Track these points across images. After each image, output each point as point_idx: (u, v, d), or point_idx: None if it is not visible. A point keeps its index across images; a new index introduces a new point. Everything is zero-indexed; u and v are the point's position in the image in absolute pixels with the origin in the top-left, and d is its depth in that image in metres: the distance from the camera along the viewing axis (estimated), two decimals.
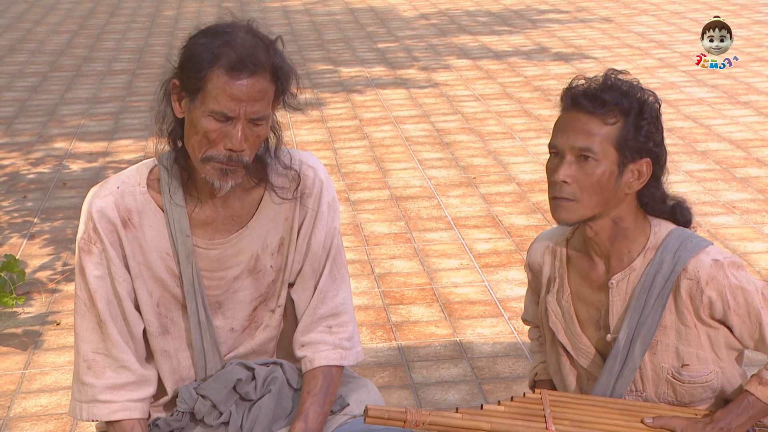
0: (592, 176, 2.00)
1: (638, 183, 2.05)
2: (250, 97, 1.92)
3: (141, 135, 6.64)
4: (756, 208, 4.97)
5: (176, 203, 2.04)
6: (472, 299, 4.08)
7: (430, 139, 6.34)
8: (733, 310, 2.03)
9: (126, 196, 2.04)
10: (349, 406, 2.18)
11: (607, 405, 2.09)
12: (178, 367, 2.13)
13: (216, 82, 1.92)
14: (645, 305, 2.07)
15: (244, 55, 1.92)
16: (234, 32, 1.96)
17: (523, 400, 2.08)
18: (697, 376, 2.08)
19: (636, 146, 2.02)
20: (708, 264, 2.03)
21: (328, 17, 11.05)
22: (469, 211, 5.06)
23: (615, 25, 9.96)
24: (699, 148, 5.95)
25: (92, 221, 2.04)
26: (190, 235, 2.05)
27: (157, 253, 2.06)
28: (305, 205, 2.13)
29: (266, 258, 2.12)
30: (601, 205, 2.02)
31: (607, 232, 2.07)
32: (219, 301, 2.11)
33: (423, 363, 3.60)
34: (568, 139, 2.01)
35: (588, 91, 2.02)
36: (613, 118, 2.00)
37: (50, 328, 3.95)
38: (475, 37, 9.63)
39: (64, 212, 5.23)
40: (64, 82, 8.30)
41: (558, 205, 2.02)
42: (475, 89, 7.61)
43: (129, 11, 11.95)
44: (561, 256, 2.19)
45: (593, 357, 2.16)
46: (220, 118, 1.93)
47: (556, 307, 2.19)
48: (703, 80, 7.59)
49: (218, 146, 1.95)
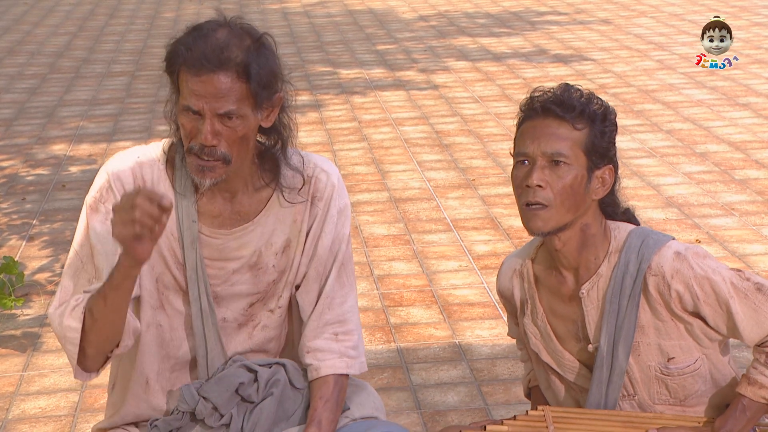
0: (564, 180, 2.03)
1: (603, 189, 2.08)
2: (211, 94, 1.94)
3: (140, 137, 6.64)
4: (755, 209, 4.97)
5: (186, 189, 2.06)
6: (471, 301, 4.07)
7: (429, 141, 6.34)
8: (702, 301, 2.04)
9: (144, 168, 2.07)
10: (350, 410, 2.18)
11: (610, 418, 2.09)
12: (170, 343, 2.11)
13: (182, 78, 1.97)
14: (619, 308, 2.08)
15: (207, 53, 1.94)
16: (210, 30, 1.98)
17: (526, 419, 2.08)
18: (684, 366, 2.09)
19: (602, 152, 2.06)
20: (671, 258, 2.04)
21: (328, 19, 11.06)
22: (468, 212, 5.06)
23: (614, 27, 9.96)
24: (698, 150, 5.96)
25: (108, 182, 2.06)
26: (197, 221, 2.06)
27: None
28: (315, 209, 2.13)
29: (269, 256, 2.12)
30: (572, 210, 2.05)
31: (575, 241, 2.09)
32: (216, 291, 2.11)
33: (422, 365, 3.59)
34: (539, 145, 2.04)
35: (556, 98, 2.06)
36: (581, 124, 2.05)
37: (49, 330, 3.94)
38: (474, 39, 9.63)
39: (63, 214, 5.23)
40: (64, 84, 8.30)
41: (533, 214, 2.03)
42: (474, 91, 7.61)
43: (128, 13, 11.95)
44: (528, 276, 2.19)
45: (579, 370, 2.16)
46: (189, 113, 1.97)
47: (533, 329, 2.19)
48: (702, 82, 7.59)
49: (196, 140, 1.99)
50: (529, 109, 2.09)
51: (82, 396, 3.48)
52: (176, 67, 1.98)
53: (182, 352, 2.13)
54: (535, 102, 2.08)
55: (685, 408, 2.14)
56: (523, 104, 2.11)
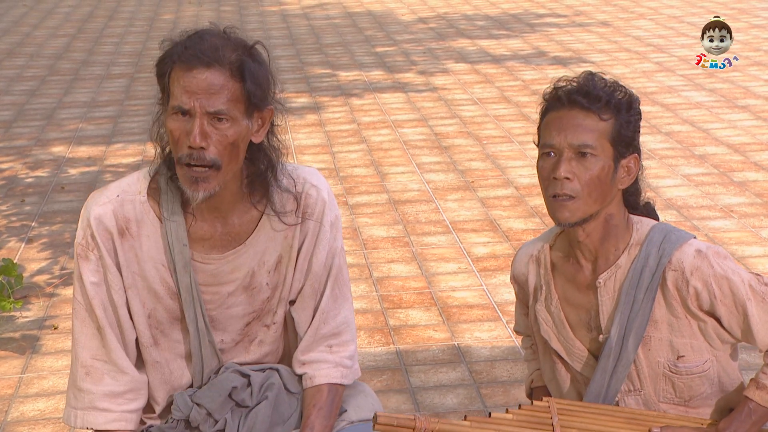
0: (592, 171, 2.02)
1: (629, 179, 2.08)
2: (204, 90, 1.91)
3: (139, 139, 6.64)
4: (754, 212, 4.97)
5: (174, 213, 2.02)
6: (470, 303, 4.07)
7: (429, 143, 6.34)
8: (719, 300, 2.03)
9: (125, 205, 2.03)
10: (347, 412, 2.18)
11: (614, 414, 2.09)
12: (170, 377, 2.12)
13: (173, 77, 1.94)
14: (634, 301, 2.07)
15: (203, 49, 1.92)
16: (205, 33, 1.97)
17: (531, 409, 2.08)
18: (693, 366, 2.09)
19: (627, 141, 2.05)
20: (692, 255, 2.04)
21: (327, 21, 11.06)
22: (467, 214, 5.06)
23: (613, 29, 9.97)
24: (697, 152, 5.96)
25: (90, 228, 2.03)
26: (188, 244, 2.04)
27: (152, 263, 2.04)
28: (306, 225, 2.11)
29: (262, 275, 2.10)
30: (599, 201, 2.04)
31: (599, 232, 2.09)
32: (212, 315, 2.10)
33: (421, 367, 3.59)
34: (566, 136, 2.03)
35: (581, 88, 2.04)
36: (607, 114, 2.03)
37: (48, 332, 3.94)
38: (473, 41, 9.63)
39: (62, 216, 5.22)
40: (63, 86, 8.30)
41: (560, 204, 2.03)
42: (473, 93, 7.61)
43: (127, 15, 11.96)
44: (545, 263, 2.19)
45: (587, 360, 2.16)
46: (178, 113, 1.93)
47: (546, 315, 2.19)
48: (701, 84, 7.60)
49: (182, 146, 1.93)
50: (554, 100, 2.07)
51: None
52: (168, 67, 1.94)
53: (185, 380, 2.14)
54: (559, 92, 2.06)
55: (689, 409, 2.13)
56: (546, 94, 2.09)
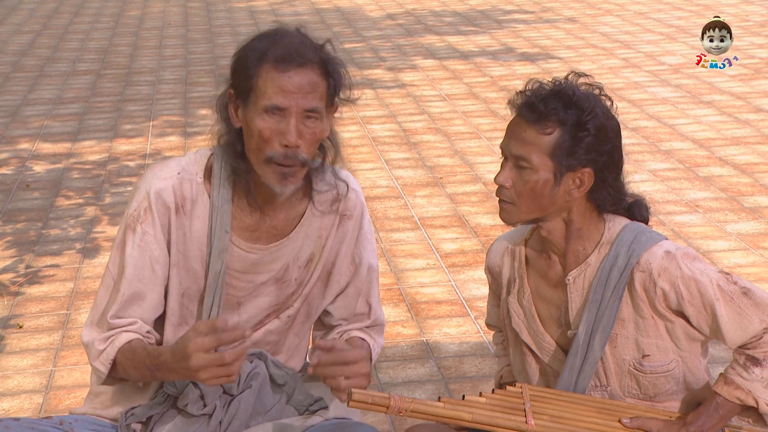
0: (527, 183, 2.05)
1: (579, 191, 2.08)
2: (300, 89, 1.95)
3: (105, 136, 6.59)
4: (719, 206, 5.02)
5: (224, 200, 2.05)
6: (438, 299, 4.08)
7: (397, 139, 6.35)
8: (687, 301, 2.05)
9: (185, 183, 2.07)
10: (327, 409, 2.19)
11: (586, 403, 2.11)
12: None
13: (265, 77, 1.95)
14: (602, 299, 2.09)
15: (291, 50, 1.95)
16: (281, 33, 2.00)
17: (504, 393, 2.10)
18: (658, 365, 2.11)
19: (573, 157, 2.04)
20: (660, 256, 2.06)
21: (295, 17, 11.02)
22: (435, 211, 5.07)
23: (580, 26, 10.02)
24: (663, 148, 6.00)
25: (148, 200, 2.05)
26: (230, 231, 2.06)
27: (197, 244, 2.07)
28: (344, 227, 2.16)
29: (294, 270, 2.15)
30: (538, 210, 2.07)
31: (560, 232, 2.11)
32: (240, 301, 2.13)
33: (390, 363, 3.59)
34: (509, 145, 2.08)
35: (529, 100, 2.06)
36: (550, 128, 2.04)
37: (12, 332, 3.90)
38: (441, 38, 9.65)
39: (26, 214, 5.17)
40: (27, 83, 8.21)
41: (501, 207, 2.11)
42: (441, 89, 7.62)
43: (93, 11, 11.85)
44: (520, 256, 2.21)
45: (555, 353, 2.18)
46: (272, 112, 1.95)
47: (517, 308, 2.21)
48: (666, 80, 7.66)
49: (274, 144, 1.96)
50: (512, 105, 2.10)
51: (47, 398, 3.45)
52: (255, 69, 1.96)
53: None
54: (517, 98, 2.09)
55: (655, 404, 2.16)
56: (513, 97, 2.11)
